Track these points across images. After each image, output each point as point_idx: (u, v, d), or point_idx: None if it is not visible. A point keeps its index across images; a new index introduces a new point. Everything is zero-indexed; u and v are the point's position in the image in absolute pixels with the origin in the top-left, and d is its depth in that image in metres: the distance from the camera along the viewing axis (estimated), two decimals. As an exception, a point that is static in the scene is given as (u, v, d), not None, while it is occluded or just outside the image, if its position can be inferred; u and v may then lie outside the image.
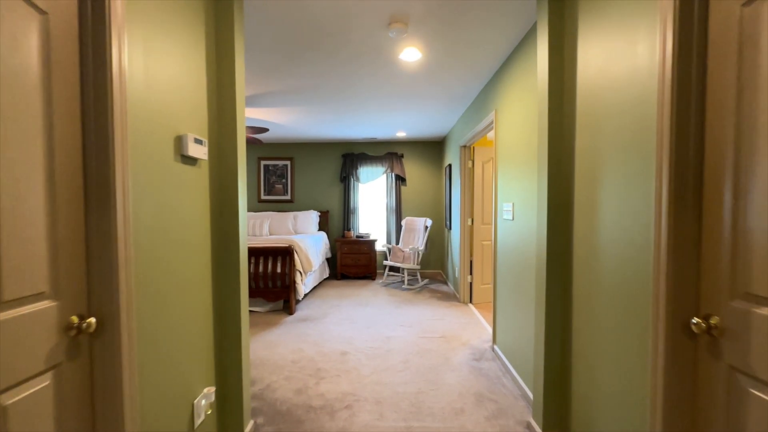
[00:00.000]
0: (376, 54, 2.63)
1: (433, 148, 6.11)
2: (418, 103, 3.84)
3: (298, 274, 4.01)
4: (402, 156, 6.06)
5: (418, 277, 5.26)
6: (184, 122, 1.53)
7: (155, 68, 1.35)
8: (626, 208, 1.30)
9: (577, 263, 1.65)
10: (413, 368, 2.62)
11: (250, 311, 4.00)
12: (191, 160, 1.58)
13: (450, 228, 5.10)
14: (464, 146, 4.29)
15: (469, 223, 4.32)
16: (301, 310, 4.06)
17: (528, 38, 2.28)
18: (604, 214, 1.43)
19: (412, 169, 6.13)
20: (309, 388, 2.36)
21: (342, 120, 4.57)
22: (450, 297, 4.62)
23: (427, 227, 5.41)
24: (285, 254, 3.95)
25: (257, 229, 5.39)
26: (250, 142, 4.43)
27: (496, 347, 2.86)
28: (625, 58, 1.31)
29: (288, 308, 3.97)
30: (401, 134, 5.50)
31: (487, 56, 2.66)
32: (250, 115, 4.18)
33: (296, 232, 5.63)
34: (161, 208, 1.39)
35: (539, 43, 1.86)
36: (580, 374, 1.61)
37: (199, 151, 1.59)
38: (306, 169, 6.17)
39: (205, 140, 1.64)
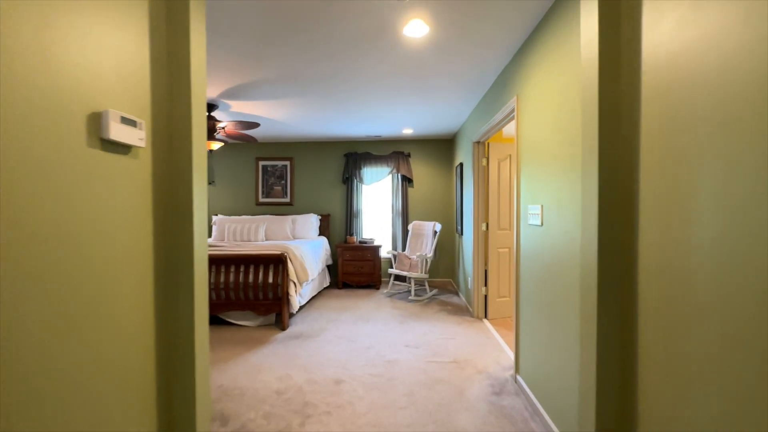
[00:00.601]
0: (377, 29, 2.21)
1: (442, 147, 5.68)
2: (426, 93, 3.41)
3: (291, 284, 3.60)
4: (409, 155, 5.63)
5: (426, 287, 4.81)
6: (107, 96, 1.13)
7: (54, 21, 0.96)
8: (748, 211, 0.85)
9: (648, 282, 1.20)
10: (419, 404, 2.18)
11: (239, 326, 3.61)
12: (119, 147, 1.18)
13: (461, 233, 4.65)
14: (477, 142, 3.85)
15: (484, 228, 3.87)
16: (295, 325, 3.65)
17: (560, 4, 1.84)
18: (702, 216, 0.98)
19: (420, 169, 5.70)
20: (292, 430, 1.94)
21: (343, 116, 4.18)
22: (462, 310, 4.17)
23: (436, 232, 4.96)
24: (277, 263, 3.55)
25: (252, 234, 5.01)
26: (244, 140, 4.06)
27: (519, 378, 2.40)
28: (739, -15, 0.86)
29: (280, 323, 3.56)
30: (408, 131, 5.08)
31: (506, 30, 2.23)
32: (239, 109, 3.81)
33: (294, 237, 5.23)
34: (63, 212, 0.99)
35: (583, 2, 1.43)
36: (652, 444, 1.16)
37: (132, 136, 1.19)
38: (306, 170, 5.79)
39: (142, 121, 1.24)
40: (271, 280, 3.54)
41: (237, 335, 3.36)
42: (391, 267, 5.61)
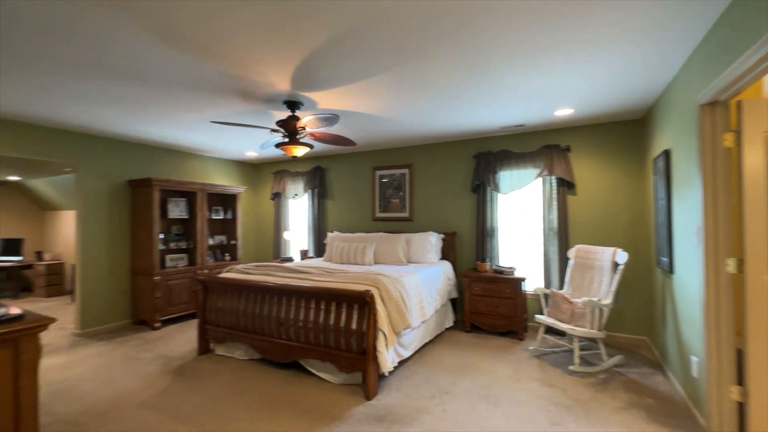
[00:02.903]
0: None
1: (625, 131, 3.72)
2: (596, 26, 1.90)
3: (381, 336, 2.58)
4: (567, 149, 3.91)
5: (602, 349, 3.01)
6: None
7: None
8: None
9: None
10: None
11: (320, 379, 2.81)
12: None
13: (671, 270, 2.70)
14: (711, 104, 2.02)
15: (730, 267, 1.97)
16: (387, 393, 2.60)
17: None
18: None
19: (586, 167, 3.89)
20: None
21: (464, 97, 2.98)
22: (676, 411, 2.28)
23: (617, 265, 3.13)
24: (362, 304, 2.61)
25: (359, 256, 4.27)
26: (339, 143, 3.35)
27: None
28: None
29: (367, 387, 2.56)
30: (565, 113, 3.44)
31: None
32: (328, 104, 3.09)
33: (409, 261, 4.25)
34: None
35: None
36: None
37: None
38: (428, 178, 4.76)
39: None
40: (354, 325, 2.62)
41: (308, 396, 2.55)
42: (541, 311, 3.95)
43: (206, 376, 2.90)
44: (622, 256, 3.08)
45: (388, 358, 2.60)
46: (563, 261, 3.86)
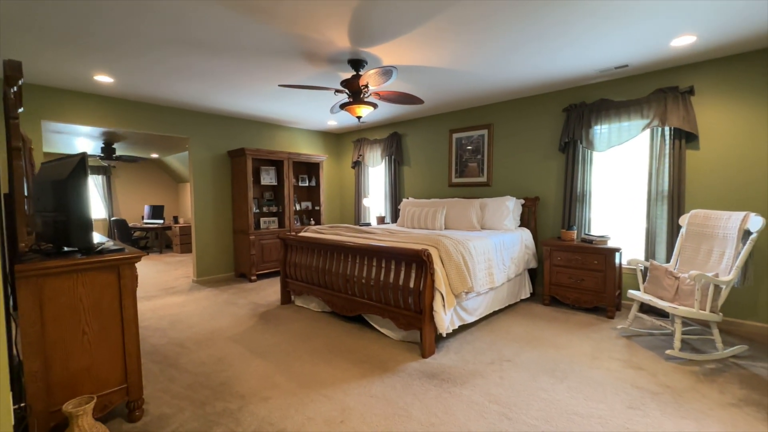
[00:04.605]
0: None
1: (781, 62, 2.80)
2: None
3: (438, 296, 2.53)
4: (689, 91, 3.13)
5: (715, 336, 2.45)
6: None
7: None
8: None
9: None
10: None
11: (381, 334, 2.91)
12: None
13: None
14: None
15: None
16: (444, 353, 2.56)
17: None
18: None
19: (715, 114, 3.07)
20: None
21: (543, 28, 2.59)
22: (820, 423, 1.75)
23: (749, 233, 2.47)
24: (420, 263, 2.57)
25: (429, 221, 4.18)
26: (405, 102, 3.25)
27: None
28: None
29: (423, 345, 2.56)
30: (684, 41, 2.73)
31: None
32: (393, 61, 2.98)
33: (483, 227, 4.02)
34: None
35: None
36: None
37: None
38: (508, 139, 4.35)
39: None
40: (412, 284, 2.61)
41: (367, 348, 2.66)
42: (637, 287, 3.38)
43: (283, 322, 3.25)
44: (755, 222, 2.41)
45: (445, 319, 2.53)
46: (673, 231, 3.19)
